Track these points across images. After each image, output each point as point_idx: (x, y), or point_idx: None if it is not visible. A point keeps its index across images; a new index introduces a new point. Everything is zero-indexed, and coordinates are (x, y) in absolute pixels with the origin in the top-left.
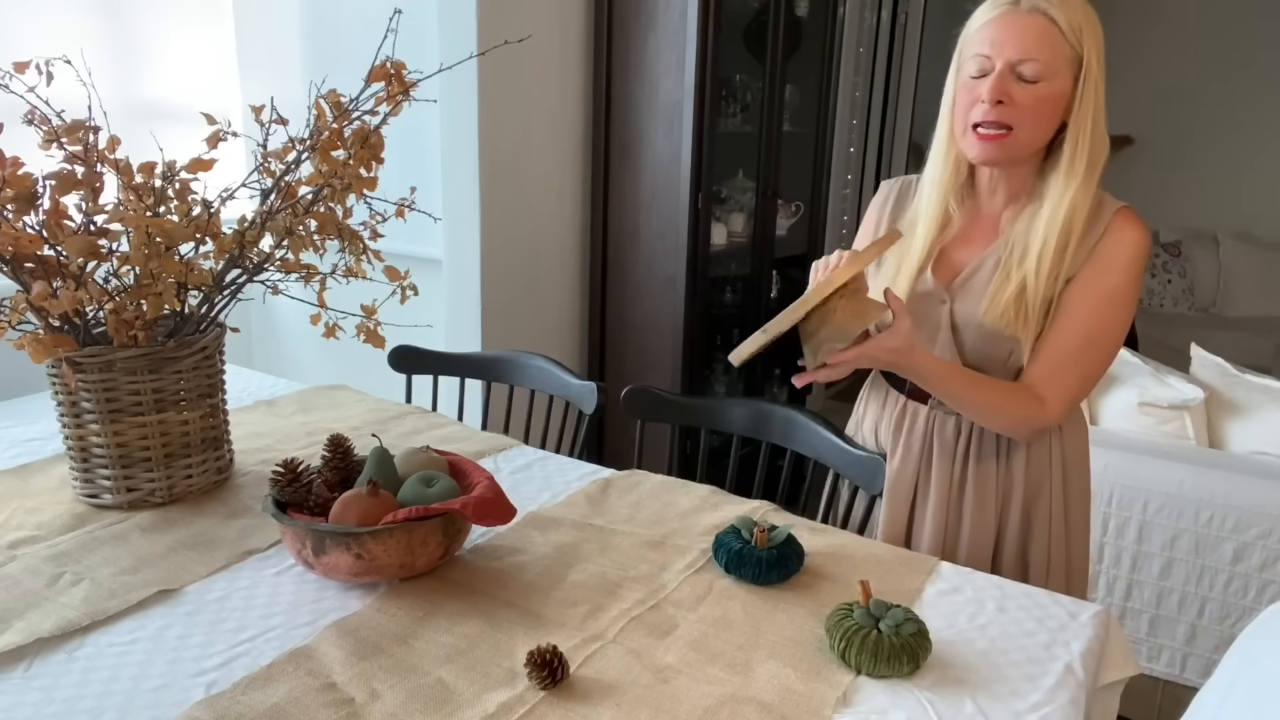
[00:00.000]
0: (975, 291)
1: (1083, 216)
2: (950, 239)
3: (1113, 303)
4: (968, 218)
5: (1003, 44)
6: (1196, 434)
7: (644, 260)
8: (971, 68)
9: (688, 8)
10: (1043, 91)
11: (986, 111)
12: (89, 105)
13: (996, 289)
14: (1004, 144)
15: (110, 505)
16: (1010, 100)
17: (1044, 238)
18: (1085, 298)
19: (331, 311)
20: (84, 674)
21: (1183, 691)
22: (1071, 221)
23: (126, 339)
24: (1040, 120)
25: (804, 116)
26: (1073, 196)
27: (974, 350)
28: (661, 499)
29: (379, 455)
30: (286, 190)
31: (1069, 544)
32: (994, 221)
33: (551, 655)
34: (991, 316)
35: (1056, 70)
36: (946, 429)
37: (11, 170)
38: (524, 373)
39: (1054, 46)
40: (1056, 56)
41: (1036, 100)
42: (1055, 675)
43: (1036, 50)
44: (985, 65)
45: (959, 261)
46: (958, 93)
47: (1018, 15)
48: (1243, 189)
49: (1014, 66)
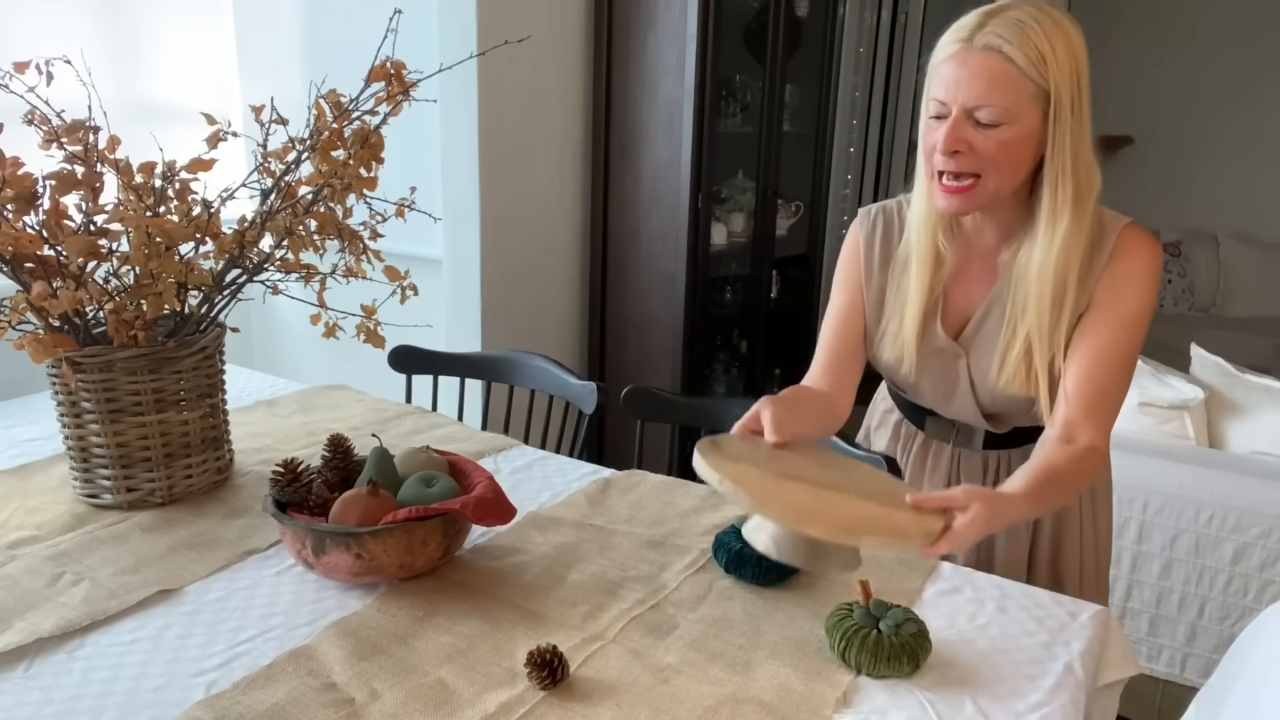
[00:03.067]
0: (986, 343)
1: (1078, 257)
2: (950, 278)
3: (1135, 324)
4: (962, 254)
5: (956, 88)
6: (1196, 434)
7: (644, 260)
8: (931, 109)
9: (688, 8)
10: (1004, 136)
11: (945, 161)
12: (89, 105)
13: (1005, 347)
14: (971, 195)
15: (110, 505)
16: (970, 148)
17: (1038, 293)
18: (1106, 325)
19: (331, 311)
20: (84, 674)
21: (1183, 691)
22: (1065, 269)
23: (126, 339)
24: (1007, 165)
25: (804, 116)
26: (1061, 242)
27: (993, 404)
28: (661, 499)
29: (379, 455)
30: (286, 190)
31: (1098, 555)
32: (990, 259)
33: (551, 655)
34: (1004, 379)
35: (1018, 112)
36: (973, 466)
37: (11, 170)
38: (524, 373)
39: (1012, 88)
40: (1016, 98)
41: (998, 146)
42: (1055, 675)
43: (990, 95)
44: (942, 110)
45: (964, 306)
46: (923, 134)
47: (971, 54)
48: (1243, 189)
49: (970, 112)
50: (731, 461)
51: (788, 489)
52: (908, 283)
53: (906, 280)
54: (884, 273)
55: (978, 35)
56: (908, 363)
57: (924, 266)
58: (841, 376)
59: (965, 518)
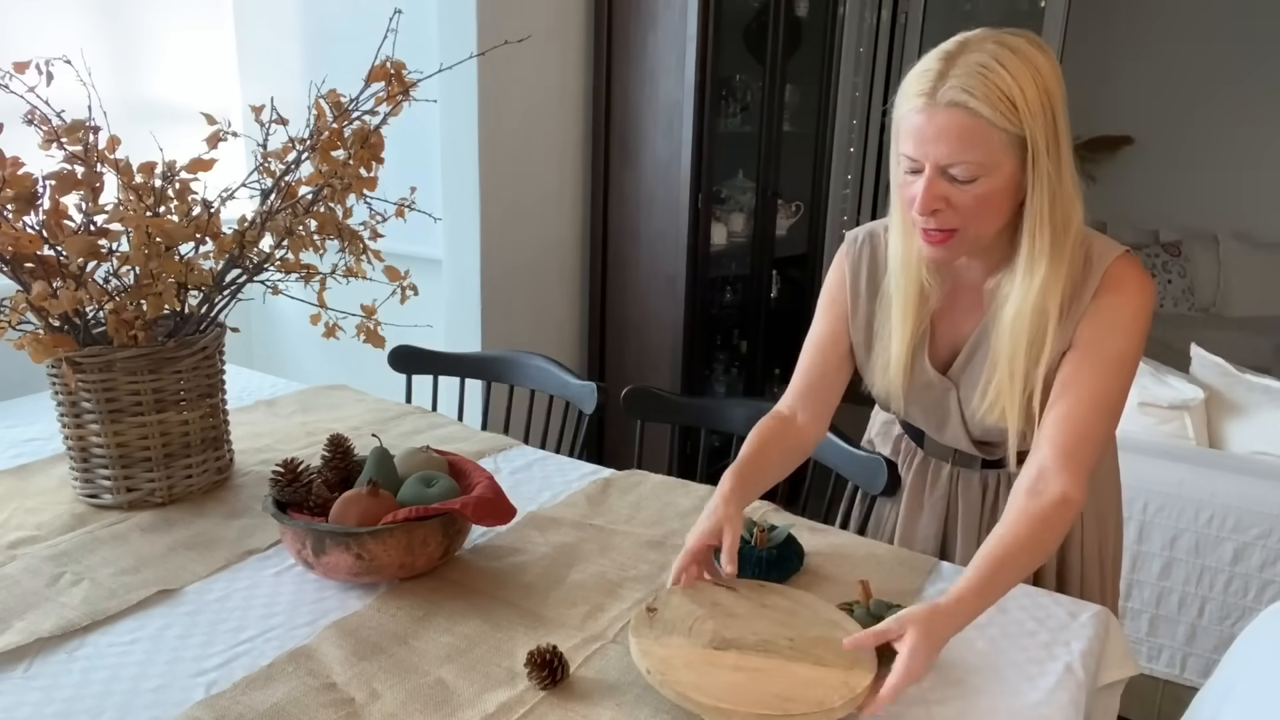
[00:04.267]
0: (976, 375)
1: (1057, 297)
2: (937, 311)
3: (1119, 367)
4: (949, 286)
5: (925, 146)
6: (1196, 434)
7: (644, 260)
8: (904, 163)
9: (688, 8)
10: (981, 189)
11: (925, 220)
12: (89, 105)
13: (986, 382)
14: (953, 245)
15: (110, 505)
16: (948, 204)
17: (1013, 335)
18: (1089, 367)
19: (331, 311)
20: (84, 674)
21: (1183, 691)
22: (1044, 311)
23: (126, 339)
24: (987, 215)
25: (804, 116)
26: (1040, 285)
27: (985, 434)
28: (661, 499)
29: (379, 455)
30: (286, 190)
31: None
32: (977, 290)
33: (551, 655)
34: (984, 410)
35: (993, 165)
36: (972, 486)
37: (11, 170)
38: (524, 373)
39: (982, 143)
40: (989, 151)
41: (977, 200)
42: (1055, 675)
43: (962, 152)
44: (914, 166)
45: (953, 339)
46: (899, 184)
47: (936, 111)
48: (1243, 189)
49: (944, 170)
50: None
51: (714, 673)
52: (893, 318)
53: (892, 315)
54: (871, 303)
55: (940, 89)
56: (896, 397)
57: (909, 304)
58: (818, 404)
59: (903, 650)
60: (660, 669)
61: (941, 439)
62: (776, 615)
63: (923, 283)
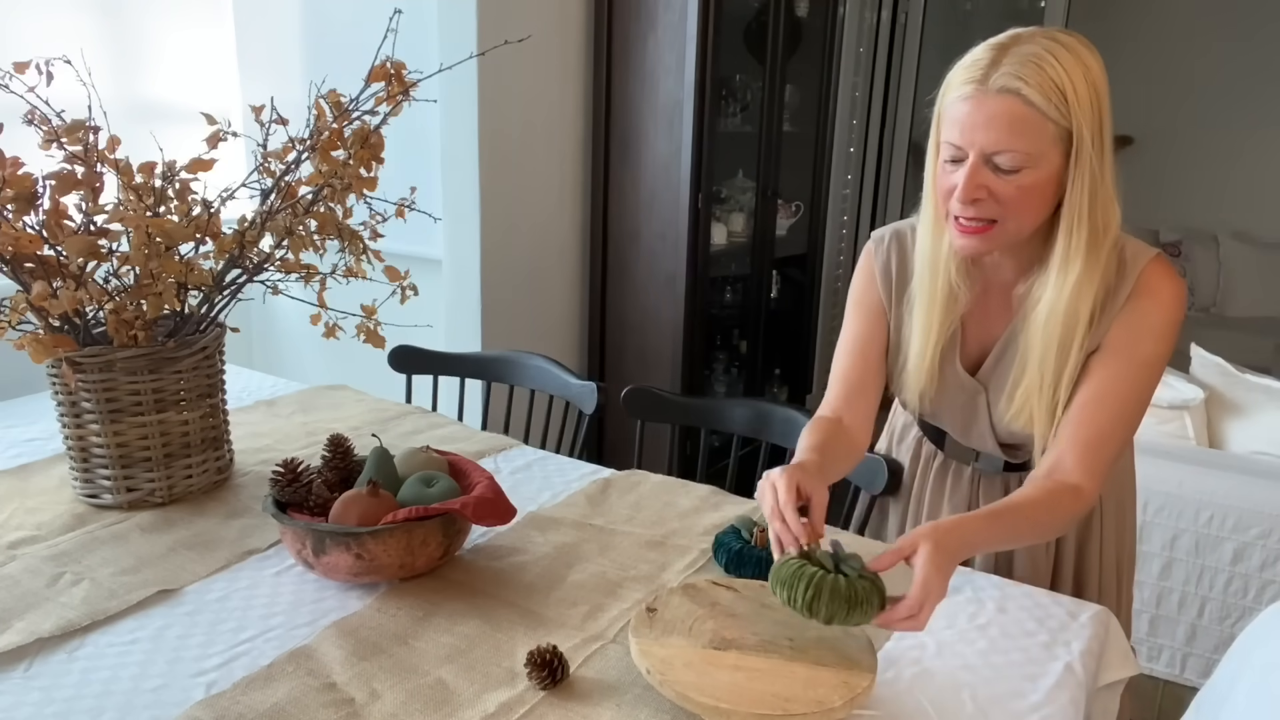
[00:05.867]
0: (1004, 376)
1: (1090, 301)
2: (967, 313)
3: (1148, 372)
4: (979, 288)
5: (973, 132)
6: (1196, 434)
7: (644, 260)
8: (946, 151)
9: (688, 8)
10: (1026, 180)
11: (964, 208)
12: (89, 105)
13: (1014, 383)
14: (989, 236)
15: (110, 505)
16: (990, 194)
17: (1045, 337)
18: (1116, 368)
19: (331, 311)
20: (84, 674)
21: (1183, 691)
22: (1076, 314)
23: (126, 339)
24: (1028, 208)
25: (804, 116)
26: (1073, 286)
27: (1012, 436)
28: (661, 499)
29: (379, 455)
30: (286, 190)
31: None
32: (1007, 292)
33: (551, 655)
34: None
35: (1040, 155)
36: (994, 489)
37: (11, 170)
38: (524, 373)
39: (1032, 132)
40: (1037, 140)
41: (1020, 191)
42: (1055, 675)
43: (1010, 140)
44: (958, 154)
45: (983, 340)
46: (937, 174)
47: (987, 97)
48: (1243, 189)
49: (988, 158)
50: (663, 640)
51: (714, 673)
52: (917, 318)
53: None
54: (900, 304)
55: (993, 75)
56: (926, 398)
57: (938, 305)
58: (863, 406)
59: (917, 562)
60: (660, 669)
61: (967, 441)
62: (776, 615)
63: (952, 283)
